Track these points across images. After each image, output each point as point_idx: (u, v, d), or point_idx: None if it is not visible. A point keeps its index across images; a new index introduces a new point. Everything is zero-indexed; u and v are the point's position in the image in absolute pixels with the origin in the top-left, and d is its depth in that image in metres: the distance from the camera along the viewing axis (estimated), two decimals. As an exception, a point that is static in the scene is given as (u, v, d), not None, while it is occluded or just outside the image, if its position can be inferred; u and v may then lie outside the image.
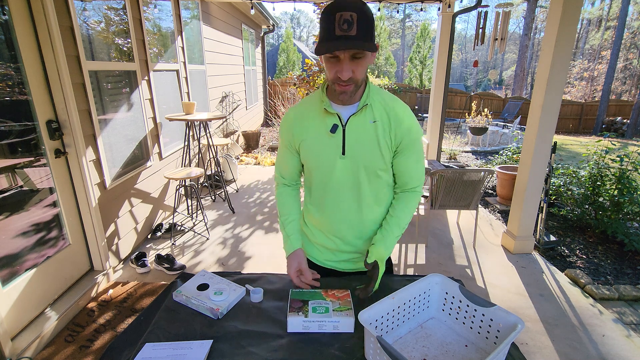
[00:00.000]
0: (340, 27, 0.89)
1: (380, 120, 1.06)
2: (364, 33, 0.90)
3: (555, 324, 2.21)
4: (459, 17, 4.95)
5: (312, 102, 1.12)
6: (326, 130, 1.07)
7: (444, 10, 4.69)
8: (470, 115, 8.73)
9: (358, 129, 1.06)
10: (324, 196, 1.15)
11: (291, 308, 1.00)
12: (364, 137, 1.06)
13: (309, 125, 1.10)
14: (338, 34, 0.89)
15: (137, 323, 1.12)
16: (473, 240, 3.28)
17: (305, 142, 1.11)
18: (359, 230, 1.17)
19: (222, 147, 5.29)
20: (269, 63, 18.89)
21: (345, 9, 0.88)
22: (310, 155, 1.12)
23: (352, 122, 1.06)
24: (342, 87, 0.98)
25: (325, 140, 1.08)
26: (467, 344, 0.92)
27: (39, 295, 2.07)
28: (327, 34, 0.91)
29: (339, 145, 1.07)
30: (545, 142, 2.82)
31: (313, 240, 1.25)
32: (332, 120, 1.07)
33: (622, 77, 21.57)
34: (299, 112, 1.14)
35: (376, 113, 1.06)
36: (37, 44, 2.03)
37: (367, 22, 0.90)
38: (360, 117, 1.06)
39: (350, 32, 0.89)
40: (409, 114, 1.09)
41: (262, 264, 2.84)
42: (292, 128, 1.13)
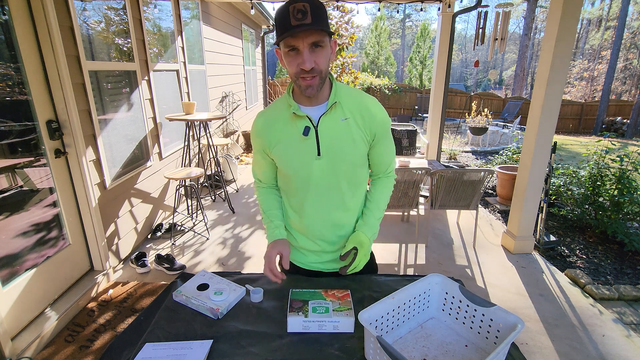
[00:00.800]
0: (295, 17, 0.90)
1: (352, 116, 1.06)
2: (318, 21, 0.92)
3: (555, 324, 2.21)
4: (459, 17, 4.95)
5: (280, 107, 1.11)
6: (298, 133, 1.06)
7: (444, 10, 4.69)
8: (470, 115, 8.73)
9: (330, 127, 1.06)
10: (304, 200, 1.14)
11: (291, 308, 1.00)
12: (338, 135, 1.06)
13: (279, 131, 1.09)
14: (294, 24, 0.91)
15: (137, 323, 1.12)
16: (473, 240, 3.28)
17: (278, 148, 1.09)
18: (341, 228, 1.17)
19: (222, 147, 5.29)
20: (269, 63, 18.88)
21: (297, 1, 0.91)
22: (286, 161, 1.10)
23: (324, 122, 1.05)
24: (307, 81, 0.98)
25: (298, 144, 1.07)
26: (467, 344, 0.92)
27: (39, 295, 2.07)
28: (283, 27, 0.93)
29: (314, 147, 1.06)
30: (545, 142, 2.81)
31: (296, 245, 1.25)
32: (302, 123, 1.06)
33: (622, 77, 21.57)
34: (268, 118, 1.12)
35: (346, 110, 1.06)
36: (37, 44, 2.03)
37: (320, 11, 0.93)
38: (331, 115, 1.05)
39: (305, 20, 0.90)
40: (379, 106, 1.11)
41: (262, 264, 2.83)
42: (262, 135, 1.12)
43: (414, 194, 3.06)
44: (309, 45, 0.93)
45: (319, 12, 0.92)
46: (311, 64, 0.94)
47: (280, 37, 0.93)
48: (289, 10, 0.91)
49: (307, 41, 0.93)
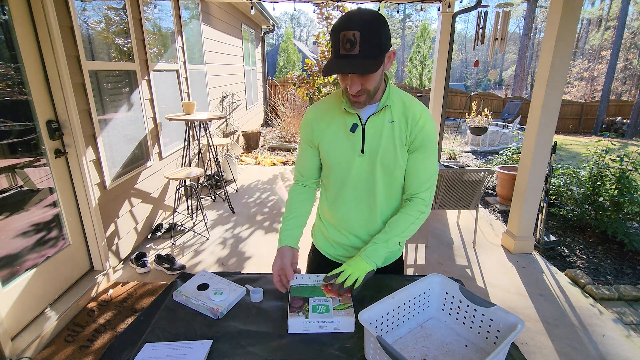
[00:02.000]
0: (343, 46, 0.90)
1: (397, 120, 1.09)
2: (368, 51, 0.91)
3: (555, 324, 2.21)
4: (459, 17, 4.95)
5: (332, 101, 1.15)
6: (346, 129, 1.10)
7: (444, 10, 4.69)
8: (470, 115, 8.73)
9: (377, 128, 1.09)
10: (340, 193, 1.17)
11: (291, 308, 1.00)
12: (382, 136, 1.09)
13: (329, 124, 1.13)
14: (342, 53, 0.92)
15: (137, 323, 1.12)
16: (473, 240, 3.28)
17: (325, 140, 1.14)
18: (371, 227, 1.20)
19: (222, 147, 5.29)
20: (269, 63, 18.89)
21: (348, 28, 0.89)
22: (330, 153, 1.14)
23: (371, 122, 1.09)
24: (354, 98, 1.02)
25: (344, 139, 1.11)
26: (467, 344, 0.92)
27: (39, 295, 2.07)
28: (333, 52, 0.94)
29: (358, 144, 1.10)
30: (545, 142, 2.81)
31: (327, 236, 1.28)
32: (351, 119, 1.09)
33: (622, 77, 21.57)
34: (319, 111, 1.16)
35: (394, 113, 1.09)
36: (37, 44, 2.03)
37: (372, 38, 0.91)
38: (379, 117, 1.08)
39: (353, 51, 0.90)
40: (426, 114, 1.10)
41: (262, 264, 2.84)
42: (312, 126, 1.16)
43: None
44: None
45: (370, 40, 0.90)
46: (357, 88, 0.97)
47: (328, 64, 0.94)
48: (339, 38, 0.90)
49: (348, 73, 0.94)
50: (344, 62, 0.92)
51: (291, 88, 7.72)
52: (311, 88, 5.22)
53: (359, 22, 0.90)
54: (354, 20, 0.90)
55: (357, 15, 0.91)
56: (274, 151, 7.06)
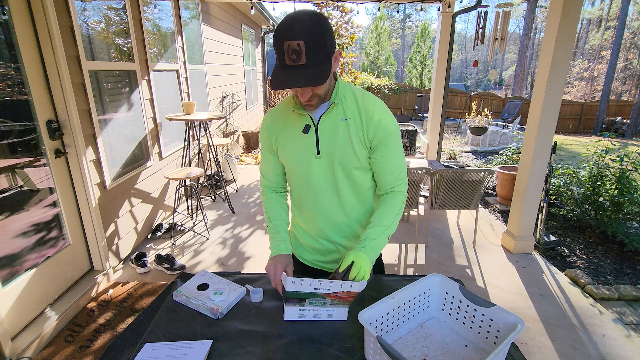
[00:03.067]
0: (289, 57, 0.87)
1: (352, 117, 1.04)
2: (314, 59, 0.87)
3: (555, 324, 2.21)
4: (459, 17, 4.95)
5: (286, 104, 1.13)
6: (299, 130, 1.07)
7: (444, 10, 4.69)
8: (470, 115, 8.73)
9: (330, 127, 1.05)
10: (304, 197, 1.15)
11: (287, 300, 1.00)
12: (337, 135, 1.05)
13: (284, 128, 1.11)
14: (288, 64, 0.88)
15: (137, 323, 1.12)
16: (473, 240, 3.28)
17: (282, 144, 1.12)
18: (343, 230, 1.16)
19: (222, 147, 5.29)
20: (269, 63, 18.85)
21: (292, 37, 0.85)
22: (287, 156, 1.12)
23: (324, 121, 1.05)
24: (306, 102, 0.99)
25: (299, 141, 1.08)
26: (467, 344, 0.92)
27: (39, 295, 2.07)
28: (278, 61, 0.91)
29: (313, 145, 1.07)
30: (545, 142, 2.81)
31: (302, 242, 1.26)
32: (304, 120, 1.07)
33: (622, 77, 21.57)
34: (275, 115, 1.15)
35: (347, 110, 1.05)
36: (37, 44, 2.03)
37: (318, 46, 0.87)
38: (331, 115, 1.05)
39: (299, 61, 0.87)
40: (380, 108, 1.05)
41: (262, 264, 2.84)
42: (269, 131, 1.14)
43: (414, 194, 3.06)
44: None
45: (316, 48, 0.87)
46: (309, 95, 0.96)
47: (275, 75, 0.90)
48: (283, 48, 0.86)
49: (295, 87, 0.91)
50: (291, 74, 0.88)
51: (291, 88, 7.70)
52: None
53: (302, 30, 0.85)
54: (297, 29, 0.85)
55: (299, 22, 0.85)
56: (274, 151, 7.05)
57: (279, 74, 0.90)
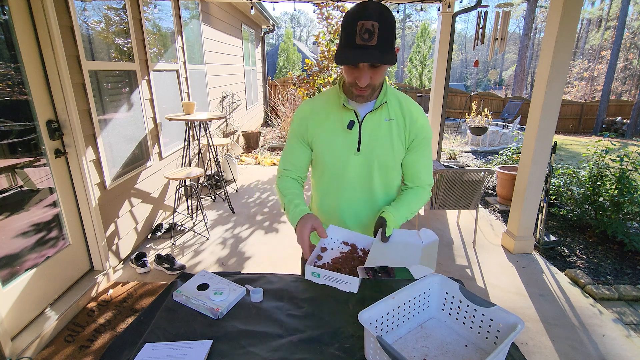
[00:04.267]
0: (361, 36, 0.88)
1: (395, 118, 1.08)
2: (384, 43, 0.89)
3: (555, 324, 2.21)
4: (459, 17, 4.95)
5: (329, 96, 1.12)
6: (342, 126, 1.08)
7: (444, 10, 4.69)
8: (470, 115, 8.73)
9: (374, 126, 1.07)
10: (335, 191, 1.15)
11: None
12: (379, 134, 1.07)
13: (325, 120, 1.10)
14: (359, 43, 0.89)
15: (137, 323, 1.12)
16: (473, 240, 3.28)
17: (320, 136, 1.11)
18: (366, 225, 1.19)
19: (222, 147, 5.29)
20: (269, 63, 18.89)
21: (367, 18, 0.87)
22: (324, 150, 1.11)
23: (368, 120, 1.07)
24: (359, 91, 1.00)
25: (340, 136, 1.08)
26: (467, 344, 0.92)
27: (39, 295, 2.07)
28: (347, 41, 0.91)
29: (355, 142, 1.08)
30: (545, 142, 2.81)
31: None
32: (349, 116, 1.07)
33: (622, 77, 21.57)
34: (316, 105, 1.13)
35: (391, 112, 1.08)
36: (37, 44, 2.03)
37: (388, 31, 0.89)
38: (377, 115, 1.07)
39: (371, 42, 0.88)
40: (422, 113, 1.11)
41: (262, 264, 2.84)
42: (307, 121, 1.12)
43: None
44: (369, 64, 0.93)
45: (386, 32, 0.89)
46: (367, 82, 0.96)
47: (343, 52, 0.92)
48: (356, 27, 0.88)
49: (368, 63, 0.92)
50: (361, 52, 0.89)
51: (291, 88, 7.72)
52: (311, 88, 5.23)
53: (378, 12, 0.88)
54: (372, 11, 0.88)
55: (374, 6, 0.89)
56: (274, 151, 7.06)
57: (346, 52, 0.91)
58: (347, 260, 1.06)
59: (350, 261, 1.06)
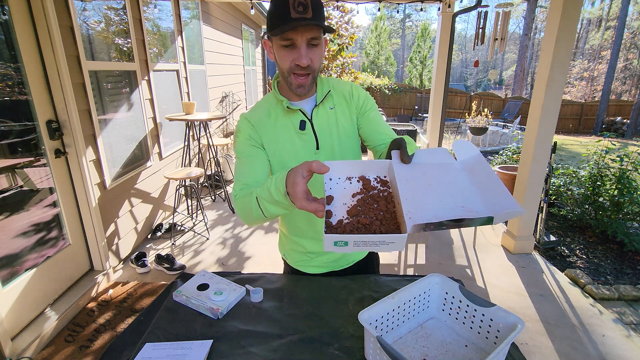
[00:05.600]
0: (295, 9, 0.86)
1: (338, 103, 1.08)
2: (319, 16, 0.89)
3: (555, 324, 2.21)
4: (459, 17, 4.95)
5: (268, 104, 1.06)
6: (294, 128, 1.03)
7: (444, 10, 4.69)
8: (470, 115, 8.73)
9: (324, 119, 1.05)
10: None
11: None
12: (331, 125, 1.06)
13: (274, 128, 1.03)
14: (294, 17, 0.86)
15: (137, 323, 1.12)
16: (473, 240, 3.28)
17: (274, 146, 1.03)
18: None
19: (222, 147, 5.29)
20: (269, 63, 18.85)
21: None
22: (284, 158, 1.04)
23: (317, 114, 1.05)
24: (299, 79, 0.95)
25: (296, 139, 1.04)
26: (467, 344, 0.92)
27: (39, 295, 2.07)
28: (281, 17, 0.87)
29: (312, 141, 1.04)
30: (545, 142, 2.81)
31: (302, 251, 1.21)
32: (297, 117, 1.03)
33: (622, 77, 21.57)
34: (257, 117, 1.04)
35: (334, 99, 1.08)
36: (37, 44, 2.03)
37: (320, 6, 0.90)
38: (323, 107, 1.06)
39: (306, 14, 0.86)
40: (355, 85, 1.12)
41: (262, 264, 2.84)
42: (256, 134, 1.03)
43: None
44: (307, 40, 0.90)
45: (319, 7, 0.89)
46: (307, 61, 0.92)
47: (277, 29, 0.88)
48: (288, 2, 0.86)
49: (306, 36, 0.89)
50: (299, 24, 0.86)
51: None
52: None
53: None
54: None
55: None
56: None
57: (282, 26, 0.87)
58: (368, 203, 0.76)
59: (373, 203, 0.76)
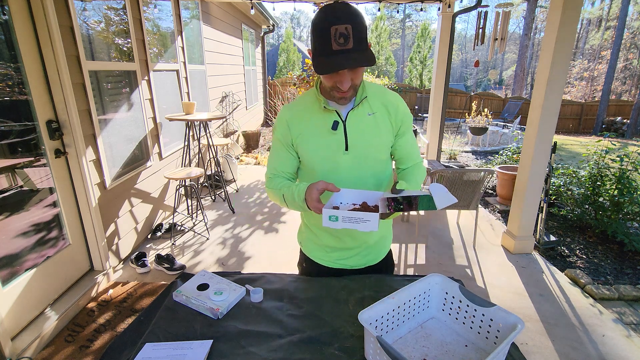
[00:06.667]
0: (336, 41, 0.87)
1: (378, 111, 1.09)
2: (359, 44, 0.89)
3: (555, 324, 2.21)
4: (459, 17, 4.95)
5: (308, 101, 1.12)
6: (327, 128, 1.07)
7: (444, 10, 4.69)
8: (470, 115, 8.73)
9: (358, 123, 1.07)
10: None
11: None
12: (365, 130, 1.08)
13: (307, 124, 1.09)
14: (335, 49, 0.88)
15: (137, 323, 1.12)
16: (473, 240, 3.28)
17: (305, 140, 1.09)
18: None
19: (222, 147, 5.29)
20: (269, 63, 18.88)
21: (339, 21, 0.87)
22: (312, 154, 1.10)
23: (352, 117, 1.07)
24: (342, 94, 1.00)
25: (326, 138, 1.08)
26: (467, 344, 0.92)
27: (39, 295, 2.07)
28: (323, 49, 0.90)
29: (342, 142, 1.07)
30: (545, 142, 2.81)
31: (319, 243, 1.25)
32: (331, 117, 1.07)
33: (622, 77, 21.57)
34: (296, 111, 1.12)
35: (373, 105, 1.09)
36: (37, 44, 2.03)
37: (361, 31, 0.89)
38: (359, 111, 1.07)
39: (348, 45, 0.88)
40: (400, 100, 1.14)
41: (262, 264, 2.84)
42: (290, 127, 1.11)
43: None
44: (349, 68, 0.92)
45: (360, 32, 0.89)
46: (348, 84, 0.96)
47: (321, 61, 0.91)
48: (330, 32, 0.87)
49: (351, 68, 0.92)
50: (341, 58, 0.89)
51: (291, 88, 7.71)
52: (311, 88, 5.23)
53: (348, 14, 0.87)
54: (342, 13, 0.87)
55: (343, 8, 0.88)
56: (274, 151, 7.05)
57: (326, 59, 0.90)
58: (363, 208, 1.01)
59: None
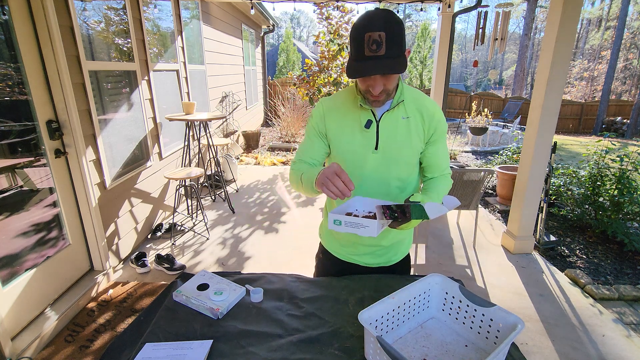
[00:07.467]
0: (369, 47, 0.90)
1: (412, 116, 1.10)
2: (392, 51, 0.91)
3: (555, 324, 2.21)
4: (459, 17, 4.95)
5: (346, 96, 1.15)
6: (360, 125, 1.10)
7: (444, 10, 4.69)
8: (470, 115, 8.73)
9: (391, 124, 1.10)
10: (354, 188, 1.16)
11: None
12: (397, 132, 1.10)
13: (342, 119, 1.13)
14: (368, 55, 0.91)
15: (137, 323, 1.12)
16: (473, 240, 3.28)
17: (338, 134, 1.13)
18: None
19: (222, 147, 5.29)
20: (269, 63, 18.88)
21: (373, 29, 0.90)
22: (343, 148, 1.13)
23: (386, 118, 1.09)
24: (374, 97, 1.02)
25: (358, 135, 1.11)
26: (467, 344, 0.92)
27: (39, 295, 2.07)
28: (357, 54, 0.94)
29: (372, 140, 1.10)
30: (545, 142, 2.81)
31: (336, 237, 1.28)
32: (366, 115, 1.10)
33: (622, 77, 21.57)
34: (333, 104, 1.16)
35: (408, 110, 1.10)
36: (37, 44, 2.03)
37: (396, 38, 0.91)
38: (394, 113, 1.10)
39: (380, 52, 0.90)
40: (437, 107, 1.14)
41: (262, 264, 2.84)
42: (325, 118, 1.15)
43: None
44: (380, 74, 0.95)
45: (394, 40, 0.91)
46: (380, 89, 0.98)
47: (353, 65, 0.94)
48: (364, 38, 0.90)
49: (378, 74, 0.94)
50: (371, 64, 0.92)
51: (291, 88, 7.72)
52: (311, 88, 5.22)
53: (383, 22, 0.90)
54: (378, 21, 0.90)
55: (379, 16, 0.91)
56: (274, 151, 7.06)
57: (357, 64, 0.94)
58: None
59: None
